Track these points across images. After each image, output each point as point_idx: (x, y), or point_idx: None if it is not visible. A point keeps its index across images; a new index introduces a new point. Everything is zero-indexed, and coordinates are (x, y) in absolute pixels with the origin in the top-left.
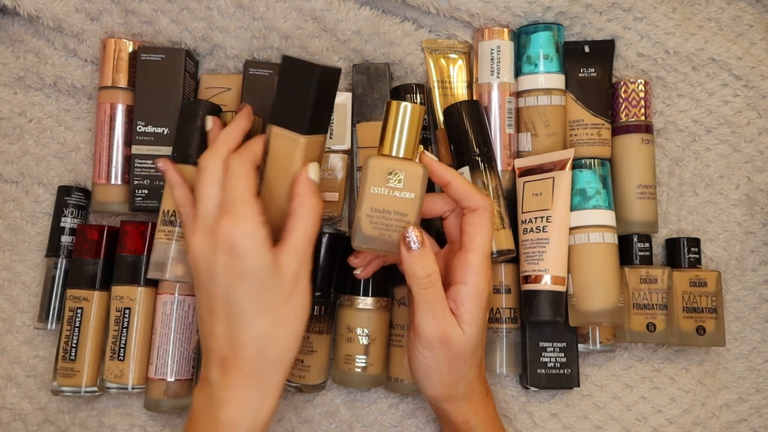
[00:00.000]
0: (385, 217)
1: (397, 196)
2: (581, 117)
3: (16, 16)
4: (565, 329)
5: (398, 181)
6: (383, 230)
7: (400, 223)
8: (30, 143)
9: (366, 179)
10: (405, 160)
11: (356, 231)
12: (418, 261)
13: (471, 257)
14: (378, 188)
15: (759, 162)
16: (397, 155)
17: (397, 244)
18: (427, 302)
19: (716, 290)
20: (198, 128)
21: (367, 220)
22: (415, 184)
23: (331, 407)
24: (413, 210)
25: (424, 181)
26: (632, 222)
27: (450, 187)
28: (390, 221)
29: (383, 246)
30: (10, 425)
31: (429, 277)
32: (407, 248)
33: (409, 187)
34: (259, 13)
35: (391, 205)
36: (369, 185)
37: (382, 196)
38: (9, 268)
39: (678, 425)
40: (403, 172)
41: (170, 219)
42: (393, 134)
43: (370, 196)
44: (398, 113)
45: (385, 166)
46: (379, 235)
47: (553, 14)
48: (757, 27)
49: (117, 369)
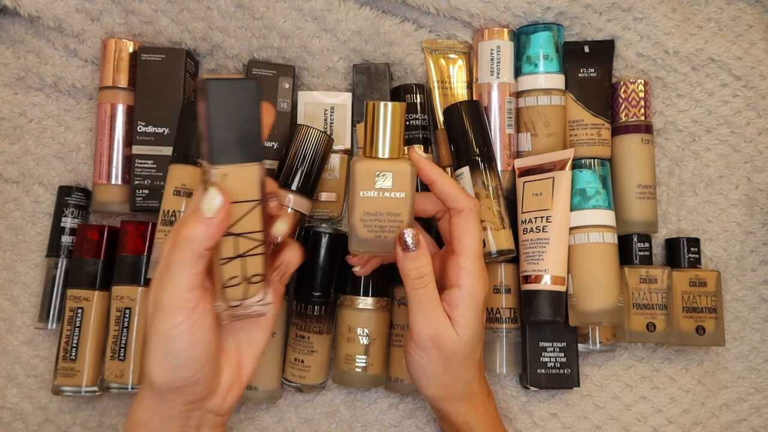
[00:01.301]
0: (378, 219)
1: (388, 196)
2: (581, 117)
3: (16, 16)
4: (565, 329)
5: (387, 181)
6: (378, 232)
7: (393, 224)
8: (30, 143)
9: (355, 183)
10: (392, 160)
11: (351, 236)
12: (412, 262)
13: (463, 260)
14: (367, 191)
15: (758, 162)
16: (383, 156)
17: (392, 244)
18: (419, 302)
19: (716, 290)
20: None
21: (360, 224)
22: (405, 182)
23: (331, 407)
24: (405, 209)
25: (413, 178)
26: (632, 222)
27: (435, 186)
28: (383, 223)
29: (380, 248)
30: (10, 425)
31: (422, 278)
32: (403, 249)
33: (399, 187)
34: (259, 13)
35: (382, 206)
36: (358, 189)
37: (373, 199)
38: (9, 268)
39: (678, 425)
40: (391, 172)
41: (170, 219)
42: (376, 135)
43: (360, 200)
44: (379, 114)
45: (371, 168)
46: (374, 237)
47: (553, 14)
48: (757, 27)
49: (117, 369)
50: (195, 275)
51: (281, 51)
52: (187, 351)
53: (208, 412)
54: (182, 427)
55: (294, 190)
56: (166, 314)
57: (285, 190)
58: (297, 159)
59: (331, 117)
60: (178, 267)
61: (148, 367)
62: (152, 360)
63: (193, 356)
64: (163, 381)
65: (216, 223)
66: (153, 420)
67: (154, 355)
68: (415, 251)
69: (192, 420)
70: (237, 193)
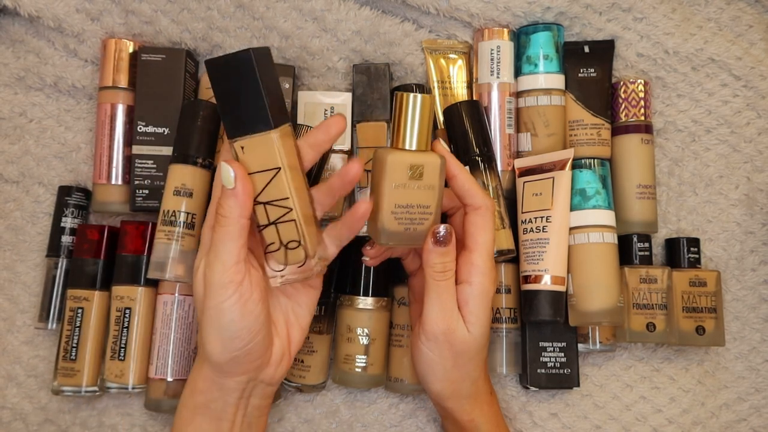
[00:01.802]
0: (408, 211)
1: (419, 188)
2: (581, 117)
3: (16, 16)
4: (565, 329)
5: (419, 174)
6: (408, 224)
7: (423, 216)
8: (30, 143)
9: (384, 175)
10: (422, 153)
11: (380, 229)
12: (441, 257)
13: (475, 257)
14: (399, 183)
15: (758, 162)
16: (411, 147)
17: (422, 236)
18: (438, 293)
19: (716, 290)
20: (198, 128)
21: (391, 217)
22: (435, 174)
23: (331, 407)
24: (434, 201)
25: (443, 171)
26: (632, 222)
27: (455, 180)
28: (414, 215)
29: (409, 240)
30: (10, 425)
31: (445, 272)
32: (434, 242)
33: (429, 179)
34: (259, 13)
35: (414, 199)
36: (389, 182)
37: (405, 191)
38: (10, 268)
39: (677, 425)
40: (423, 164)
41: (170, 219)
42: (406, 127)
43: (391, 192)
44: (409, 105)
45: (404, 160)
46: (404, 230)
47: (553, 14)
48: (757, 27)
49: (117, 369)
50: (239, 249)
51: (281, 51)
52: (238, 322)
53: (261, 382)
54: (238, 395)
55: None
56: (216, 288)
57: None
58: None
59: None
60: (223, 243)
61: (204, 342)
62: (208, 333)
63: (245, 326)
64: (219, 352)
65: (240, 191)
66: (212, 388)
67: (209, 328)
68: (445, 246)
69: (247, 389)
70: (257, 164)
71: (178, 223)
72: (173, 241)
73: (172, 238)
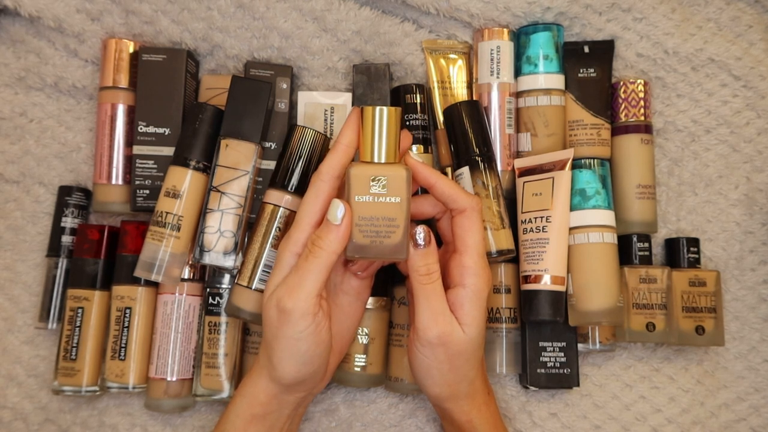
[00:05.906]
0: (373, 224)
1: (383, 201)
2: (581, 117)
3: (17, 16)
4: (564, 329)
5: (382, 186)
6: (374, 237)
7: (389, 229)
8: (31, 143)
9: (350, 188)
10: (387, 165)
11: (348, 241)
12: (422, 258)
13: (466, 259)
14: (362, 196)
15: (758, 162)
16: (379, 160)
17: (390, 250)
18: (426, 297)
19: (715, 290)
20: (194, 131)
21: (356, 230)
22: (400, 187)
23: (330, 406)
24: (401, 214)
25: (408, 183)
26: (632, 222)
27: (435, 189)
28: (379, 228)
29: (376, 253)
30: (11, 425)
31: (430, 274)
32: (414, 245)
33: (394, 192)
34: (259, 13)
35: (377, 211)
36: (353, 194)
37: (368, 204)
38: (10, 268)
39: (677, 424)
40: (386, 177)
41: (159, 220)
42: (372, 140)
43: (355, 204)
44: (374, 118)
45: (366, 173)
46: (370, 242)
47: (553, 14)
48: (756, 27)
49: (118, 368)
50: (323, 281)
51: (281, 51)
52: (313, 350)
53: (311, 394)
54: (294, 407)
55: (290, 191)
56: (297, 318)
57: (281, 190)
58: (293, 159)
59: (331, 117)
60: (312, 273)
61: (277, 365)
62: (280, 358)
63: (318, 353)
64: (292, 377)
65: (344, 229)
66: (272, 402)
67: (283, 354)
68: (425, 248)
69: (302, 402)
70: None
71: (166, 224)
72: (161, 243)
73: (161, 240)
